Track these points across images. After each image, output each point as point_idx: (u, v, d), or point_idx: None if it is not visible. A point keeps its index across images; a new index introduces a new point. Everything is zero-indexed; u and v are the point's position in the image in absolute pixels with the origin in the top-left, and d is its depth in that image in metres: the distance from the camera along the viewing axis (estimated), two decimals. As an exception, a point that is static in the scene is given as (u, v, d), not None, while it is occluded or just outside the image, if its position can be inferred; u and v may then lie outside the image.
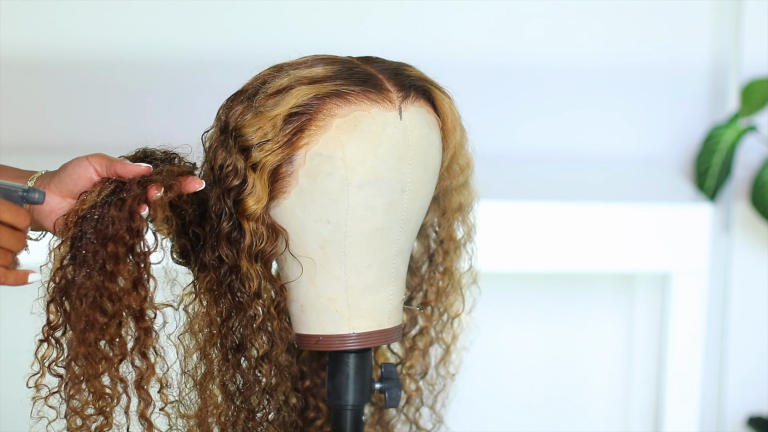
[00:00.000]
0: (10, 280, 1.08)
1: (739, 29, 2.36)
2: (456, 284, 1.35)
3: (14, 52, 2.37)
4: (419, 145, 1.18)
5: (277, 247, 1.19)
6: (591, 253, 2.13)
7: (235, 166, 1.16)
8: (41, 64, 2.38)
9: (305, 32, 2.40)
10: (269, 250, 1.19)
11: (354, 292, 1.21)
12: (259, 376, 1.21)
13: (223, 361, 1.20)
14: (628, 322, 2.50)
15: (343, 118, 1.16)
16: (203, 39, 2.38)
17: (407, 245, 1.23)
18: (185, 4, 2.37)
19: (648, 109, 2.44)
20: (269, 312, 1.20)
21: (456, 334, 1.37)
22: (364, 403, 1.28)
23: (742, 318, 2.46)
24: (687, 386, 2.19)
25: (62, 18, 2.38)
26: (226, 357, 1.19)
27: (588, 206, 2.13)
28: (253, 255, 1.18)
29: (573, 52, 2.41)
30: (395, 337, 1.25)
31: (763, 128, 2.37)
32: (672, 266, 2.14)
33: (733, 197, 2.41)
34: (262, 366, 1.21)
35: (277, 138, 1.15)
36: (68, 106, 2.41)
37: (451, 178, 1.27)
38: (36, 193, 1.09)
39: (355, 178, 1.16)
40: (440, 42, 2.41)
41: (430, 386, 1.39)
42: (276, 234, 1.19)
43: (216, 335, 1.19)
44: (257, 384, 1.21)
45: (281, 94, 1.16)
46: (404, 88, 1.18)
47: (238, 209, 1.17)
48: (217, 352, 1.19)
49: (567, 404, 2.54)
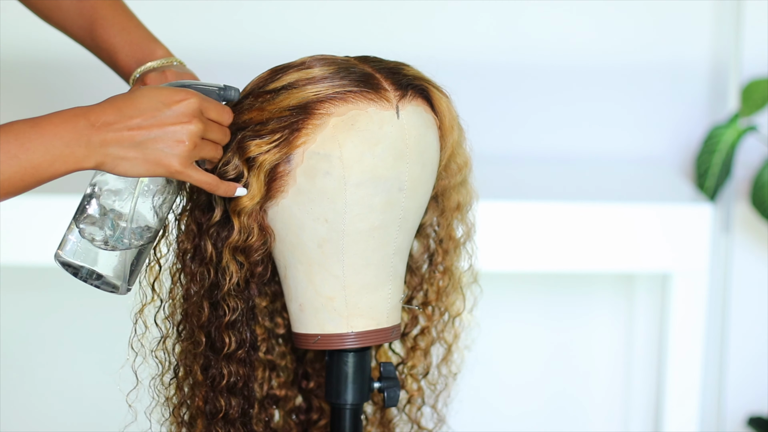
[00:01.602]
0: (221, 189, 1.14)
1: (739, 29, 2.36)
2: (456, 283, 1.35)
3: (14, 52, 2.38)
4: (417, 143, 1.19)
5: (264, 246, 1.20)
6: (591, 253, 2.13)
7: (233, 162, 1.16)
8: (41, 64, 2.38)
9: (307, 32, 2.40)
10: (255, 247, 1.19)
11: (352, 291, 1.21)
12: (220, 372, 1.23)
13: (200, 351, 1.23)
14: (628, 322, 2.50)
15: (341, 117, 1.16)
16: (204, 39, 2.38)
17: (405, 244, 1.23)
18: (186, 5, 2.37)
19: (648, 109, 2.44)
20: (241, 311, 1.21)
21: (457, 333, 1.37)
22: (363, 402, 1.28)
23: (742, 318, 2.45)
24: (687, 386, 2.19)
25: (62, 18, 2.38)
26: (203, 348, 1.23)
27: (588, 206, 2.13)
28: (238, 250, 1.18)
29: (573, 52, 2.41)
30: (394, 336, 1.25)
31: (763, 128, 2.37)
32: (672, 266, 2.14)
33: (733, 197, 2.41)
34: (223, 364, 1.22)
35: (275, 137, 1.16)
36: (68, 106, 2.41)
37: (449, 177, 1.28)
38: (232, 90, 1.15)
39: (353, 176, 1.16)
40: (439, 41, 2.41)
41: (432, 386, 1.39)
42: (264, 234, 1.20)
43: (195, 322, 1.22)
44: (221, 379, 1.23)
45: (279, 94, 1.17)
46: (401, 87, 1.18)
47: (229, 204, 1.18)
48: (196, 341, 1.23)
49: (567, 404, 2.54)
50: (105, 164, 1.07)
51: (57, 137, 1.05)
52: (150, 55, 1.27)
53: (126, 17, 1.30)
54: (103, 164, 1.07)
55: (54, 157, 1.05)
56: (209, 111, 1.11)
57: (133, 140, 1.07)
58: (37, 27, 2.39)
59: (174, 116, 1.08)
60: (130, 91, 1.10)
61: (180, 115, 1.08)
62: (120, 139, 1.07)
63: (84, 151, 1.06)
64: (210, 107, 1.11)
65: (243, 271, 1.20)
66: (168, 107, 1.08)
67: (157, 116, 1.08)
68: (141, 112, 1.07)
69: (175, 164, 1.09)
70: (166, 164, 1.08)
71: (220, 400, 1.23)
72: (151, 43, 1.28)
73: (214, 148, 1.13)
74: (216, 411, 1.23)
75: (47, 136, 1.05)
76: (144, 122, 1.07)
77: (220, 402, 1.23)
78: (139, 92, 1.09)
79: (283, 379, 1.34)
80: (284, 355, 1.34)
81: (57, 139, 1.05)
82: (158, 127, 1.08)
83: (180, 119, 1.08)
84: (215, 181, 1.13)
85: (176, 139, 1.08)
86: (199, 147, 1.10)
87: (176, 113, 1.08)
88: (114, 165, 1.08)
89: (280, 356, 1.34)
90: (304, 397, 1.38)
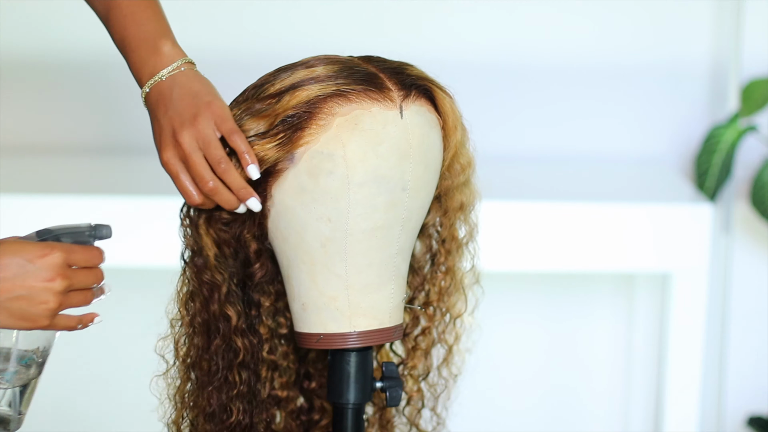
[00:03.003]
0: (73, 322, 1.12)
1: (739, 29, 2.37)
2: (458, 284, 1.35)
3: (14, 52, 2.37)
4: (420, 143, 1.18)
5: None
6: (591, 253, 2.13)
7: None
8: (41, 64, 2.38)
9: (310, 32, 2.40)
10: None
11: (355, 290, 1.21)
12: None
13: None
14: (628, 322, 2.50)
15: (344, 117, 1.16)
16: (208, 39, 2.38)
17: (408, 244, 1.23)
18: (186, 5, 2.37)
19: (648, 109, 2.44)
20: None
21: (458, 334, 1.37)
22: (365, 401, 1.28)
23: (742, 318, 2.46)
24: (687, 386, 2.19)
25: (62, 18, 2.38)
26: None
27: (588, 206, 2.13)
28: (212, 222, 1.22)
29: (573, 52, 2.41)
30: (396, 335, 1.25)
31: (763, 128, 2.37)
32: (672, 266, 2.14)
33: (733, 197, 2.41)
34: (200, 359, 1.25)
35: (278, 136, 1.16)
36: (68, 106, 2.41)
37: (452, 178, 1.27)
38: (104, 229, 1.13)
39: (356, 176, 1.16)
40: (441, 42, 2.41)
41: (432, 387, 1.39)
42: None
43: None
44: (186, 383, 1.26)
45: (282, 95, 1.17)
46: (405, 87, 1.18)
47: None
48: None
49: (567, 404, 2.54)
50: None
51: None
52: (155, 53, 1.23)
53: (141, 6, 1.25)
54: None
55: None
56: (76, 260, 1.09)
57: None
58: (37, 27, 2.40)
59: (38, 273, 1.07)
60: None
61: (43, 271, 1.07)
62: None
63: None
64: (76, 255, 1.09)
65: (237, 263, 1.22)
66: (32, 263, 1.07)
67: (20, 273, 1.06)
68: (5, 267, 1.06)
69: (42, 321, 1.08)
70: (33, 320, 1.08)
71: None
72: (158, 38, 1.24)
73: (83, 295, 1.11)
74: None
75: None
76: (7, 278, 1.06)
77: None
78: (5, 247, 1.07)
79: (285, 379, 1.34)
80: (287, 355, 1.34)
81: None
82: (21, 288, 1.07)
83: (44, 276, 1.07)
84: (80, 320, 1.13)
85: (40, 300, 1.07)
86: (65, 301, 1.09)
87: (40, 269, 1.07)
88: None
89: (283, 356, 1.34)
90: (306, 398, 1.38)
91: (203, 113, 1.17)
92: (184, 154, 1.17)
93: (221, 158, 1.16)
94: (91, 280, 1.11)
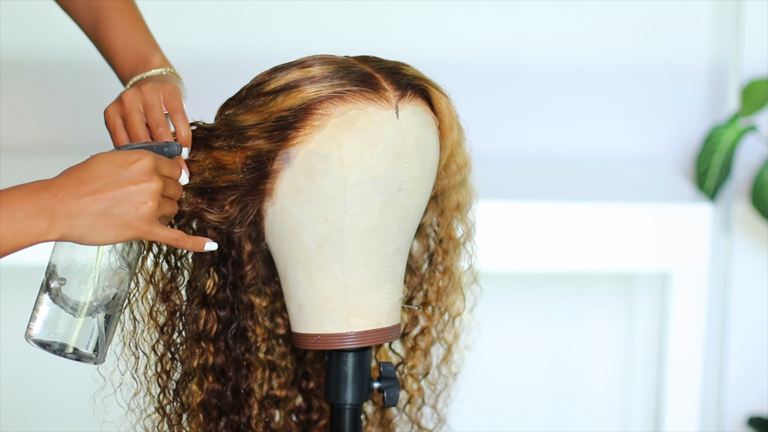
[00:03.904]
0: (188, 244, 1.15)
1: (739, 29, 2.36)
2: (456, 283, 1.35)
3: (14, 52, 2.38)
4: (416, 143, 1.18)
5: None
6: (591, 253, 2.13)
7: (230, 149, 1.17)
8: (41, 64, 2.38)
9: (307, 32, 2.40)
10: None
11: (352, 290, 1.21)
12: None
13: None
14: (628, 322, 2.50)
15: (340, 117, 1.16)
16: (205, 39, 2.39)
17: (405, 244, 1.23)
18: (186, 5, 2.37)
19: (648, 109, 2.44)
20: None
21: (457, 333, 1.37)
22: (363, 402, 1.28)
23: (742, 318, 2.45)
24: (687, 386, 2.19)
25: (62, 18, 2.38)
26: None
27: (588, 206, 2.13)
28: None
29: (573, 52, 2.41)
30: (393, 335, 1.25)
31: (763, 128, 2.37)
32: (672, 266, 2.14)
33: (733, 197, 2.41)
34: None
35: (269, 128, 1.16)
36: (68, 106, 2.42)
37: (449, 177, 1.27)
38: (175, 146, 1.17)
39: (352, 176, 1.16)
40: (439, 41, 2.41)
41: (432, 386, 1.39)
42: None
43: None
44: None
45: (277, 94, 1.17)
46: (401, 87, 1.18)
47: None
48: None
49: (567, 404, 2.54)
50: (71, 235, 1.07)
51: (20, 209, 1.05)
52: (144, 63, 1.28)
53: (129, 21, 1.31)
54: (68, 235, 1.07)
55: (17, 230, 1.05)
56: (162, 168, 1.12)
57: (97, 207, 1.07)
58: (37, 27, 2.40)
59: (133, 177, 1.09)
60: (85, 160, 1.10)
61: (139, 174, 1.09)
62: (85, 208, 1.07)
63: (47, 222, 1.06)
64: (163, 164, 1.12)
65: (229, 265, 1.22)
66: (125, 168, 1.09)
67: (116, 179, 1.08)
68: (99, 177, 1.08)
69: (142, 225, 1.09)
70: (134, 226, 1.09)
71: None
72: (148, 49, 1.29)
73: (172, 204, 1.14)
74: None
75: (10, 209, 1.05)
76: (105, 186, 1.08)
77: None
78: (94, 159, 1.09)
79: (284, 379, 1.34)
80: (284, 355, 1.34)
81: (20, 212, 1.05)
82: (120, 189, 1.08)
83: (140, 179, 1.09)
84: (181, 237, 1.14)
85: (140, 200, 1.09)
86: (161, 205, 1.11)
87: (135, 173, 1.09)
88: (82, 235, 1.07)
89: (281, 357, 1.34)
90: (304, 398, 1.39)
91: (154, 85, 1.21)
92: (124, 111, 1.20)
93: (160, 122, 1.19)
94: (175, 191, 1.14)
